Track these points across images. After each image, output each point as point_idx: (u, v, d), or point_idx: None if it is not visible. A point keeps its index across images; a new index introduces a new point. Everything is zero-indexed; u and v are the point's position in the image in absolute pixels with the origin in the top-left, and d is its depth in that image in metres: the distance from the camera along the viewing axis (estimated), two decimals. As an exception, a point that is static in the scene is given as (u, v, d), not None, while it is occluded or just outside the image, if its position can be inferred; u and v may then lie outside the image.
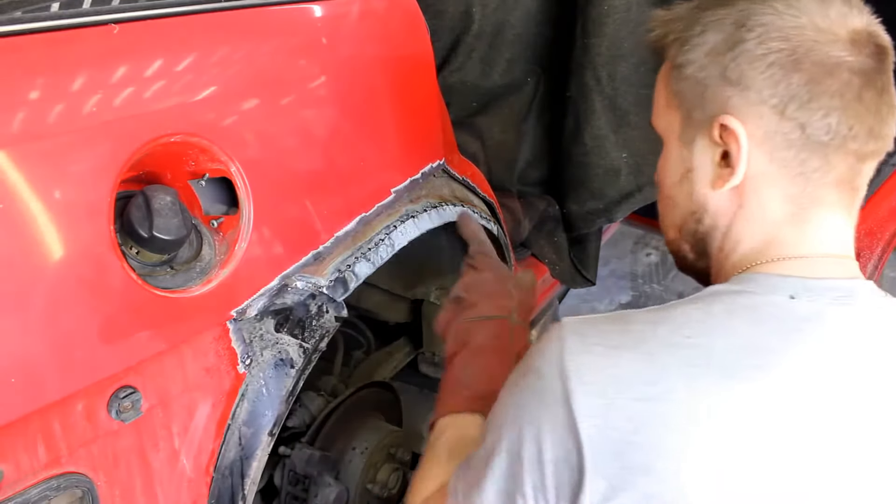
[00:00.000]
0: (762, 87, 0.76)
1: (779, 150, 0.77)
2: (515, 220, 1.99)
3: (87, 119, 0.83)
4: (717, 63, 0.79)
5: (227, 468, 1.06)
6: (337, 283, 1.10)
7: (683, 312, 0.76)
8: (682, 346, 0.72)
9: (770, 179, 0.79)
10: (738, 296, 0.77)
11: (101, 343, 0.84)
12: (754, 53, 0.77)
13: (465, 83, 1.95)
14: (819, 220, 0.79)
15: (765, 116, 0.77)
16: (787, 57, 0.75)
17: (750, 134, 0.78)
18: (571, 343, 0.75)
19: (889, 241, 2.21)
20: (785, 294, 0.76)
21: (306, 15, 1.14)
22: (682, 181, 0.86)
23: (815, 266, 0.79)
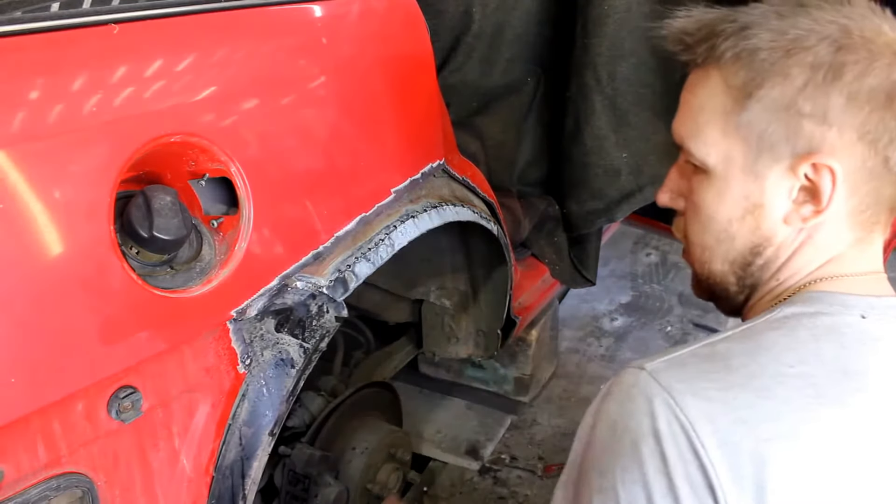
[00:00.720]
0: (860, 125, 0.75)
1: (862, 183, 0.77)
2: (515, 220, 1.99)
3: (87, 119, 0.83)
4: (810, 99, 0.76)
5: (228, 468, 1.06)
6: (337, 283, 1.10)
7: (772, 339, 0.75)
8: (789, 377, 0.71)
9: (846, 211, 0.79)
10: (816, 318, 0.76)
11: (101, 343, 0.84)
12: (852, 90, 0.75)
13: (465, 83, 1.95)
14: (873, 240, 0.82)
15: (857, 153, 0.76)
16: (882, 94, 0.75)
17: (840, 169, 0.76)
18: (680, 392, 0.70)
19: (889, 241, 2.21)
20: (856, 314, 0.77)
21: (306, 15, 1.14)
22: (746, 216, 0.82)
23: (869, 283, 0.81)
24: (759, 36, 0.77)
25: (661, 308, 2.96)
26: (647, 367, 0.73)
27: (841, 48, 0.75)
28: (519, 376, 2.35)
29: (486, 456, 2.25)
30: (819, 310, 0.77)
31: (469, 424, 2.37)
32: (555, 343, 2.50)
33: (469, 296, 1.94)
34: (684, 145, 0.85)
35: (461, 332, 2.01)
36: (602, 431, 0.74)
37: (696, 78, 0.83)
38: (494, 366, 2.35)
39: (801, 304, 0.78)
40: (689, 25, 0.82)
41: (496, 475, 2.20)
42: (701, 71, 0.83)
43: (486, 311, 1.95)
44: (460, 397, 2.46)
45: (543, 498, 2.11)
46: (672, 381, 0.71)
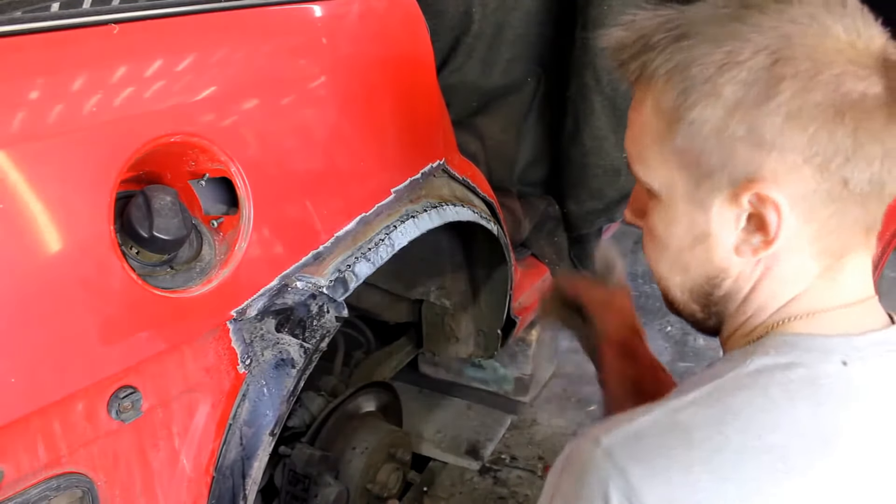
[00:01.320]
0: (804, 147, 0.66)
1: (817, 208, 0.69)
2: (515, 220, 1.99)
3: (87, 119, 0.83)
4: (744, 121, 0.67)
5: (228, 468, 1.06)
6: (337, 283, 1.10)
7: (742, 403, 0.67)
8: (757, 451, 0.65)
9: (804, 238, 0.71)
10: (789, 371, 0.68)
11: (102, 343, 0.84)
12: (791, 108, 0.66)
13: (465, 83, 1.95)
14: (849, 267, 0.73)
15: (805, 177, 0.67)
16: (829, 110, 0.65)
17: (789, 196, 0.68)
18: (637, 476, 0.64)
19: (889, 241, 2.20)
20: (836, 360, 0.69)
21: (306, 15, 1.14)
22: (696, 246, 0.75)
23: (851, 317, 0.73)
24: (692, 49, 0.69)
25: (661, 308, 2.95)
26: (603, 442, 0.66)
27: (778, 61, 0.66)
28: (519, 376, 2.35)
29: (486, 456, 2.25)
30: (794, 360, 0.69)
31: (469, 424, 2.37)
32: (555, 343, 2.50)
33: (469, 296, 1.94)
34: (631, 167, 0.79)
35: (461, 332, 2.02)
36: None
37: (637, 96, 0.76)
38: (494, 366, 2.35)
39: (775, 353, 0.70)
40: (626, 38, 0.73)
41: (496, 475, 2.20)
42: (637, 90, 0.75)
43: (486, 311, 1.95)
44: (460, 397, 2.46)
45: (543, 498, 2.11)
46: (629, 461, 0.65)
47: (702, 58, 0.68)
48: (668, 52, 0.70)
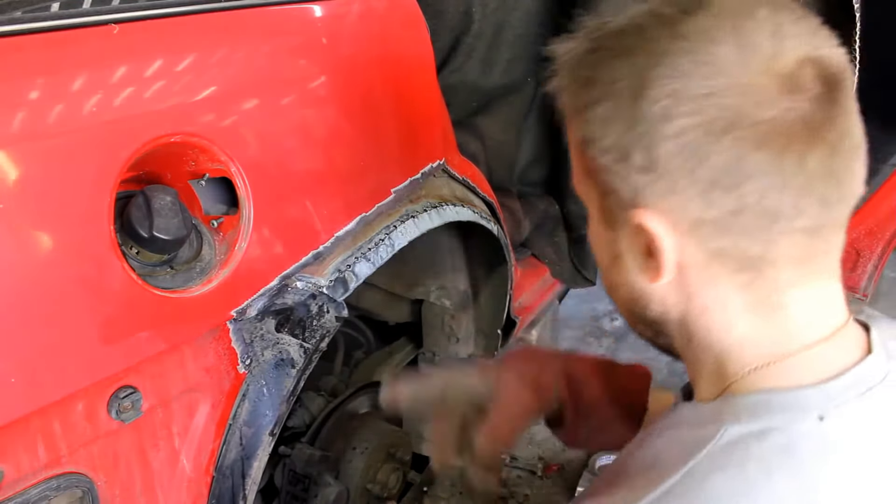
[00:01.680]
0: (678, 175, 0.62)
1: (711, 240, 0.64)
2: (515, 220, 1.99)
3: (87, 119, 0.83)
4: (619, 145, 0.64)
5: (228, 468, 1.06)
6: (337, 283, 1.10)
7: (720, 489, 0.62)
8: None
9: (712, 270, 0.66)
10: (765, 439, 0.63)
11: (101, 343, 0.84)
12: (662, 133, 0.61)
13: (465, 83, 1.95)
14: (794, 302, 0.67)
15: (687, 206, 0.63)
16: (703, 134, 0.60)
17: (674, 224, 0.64)
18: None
19: (889, 241, 2.21)
20: (813, 417, 0.63)
21: (306, 15, 1.14)
22: (614, 265, 0.72)
23: (822, 358, 0.67)
24: (594, 70, 0.66)
25: (661, 308, 2.96)
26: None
27: (655, 78, 0.62)
28: (519, 376, 2.34)
29: (486, 456, 2.24)
30: (767, 425, 0.63)
31: (469, 424, 2.36)
32: (555, 343, 2.49)
33: (469, 296, 1.94)
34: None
35: (461, 332, 2.01)
36: None
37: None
38: (494, 366, 2.34)
39: (747, 419, 0.64)
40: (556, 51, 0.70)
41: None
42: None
43: (486, 311, 1.95)
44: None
45: (543, 498, 2.11)
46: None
47: (598, 81, 0.65)
48: (573, 72, 0.68)
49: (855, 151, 0.64)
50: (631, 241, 0.68)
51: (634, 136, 0.63)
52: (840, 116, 0.62)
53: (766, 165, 0.60)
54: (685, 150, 0.61)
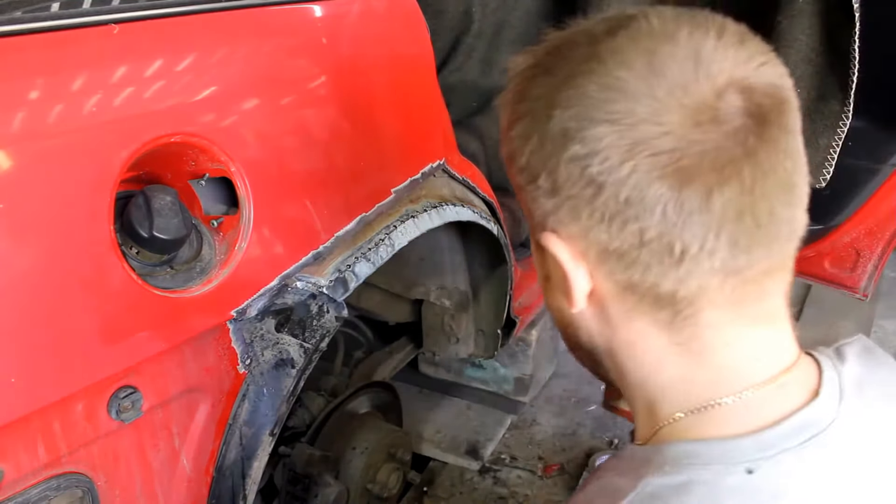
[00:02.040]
0: (579, 201, 0.59)
1: (619, 273, 0.61)
2: (515, 220, 1.99)
3: (87, 119, 0.83)
4: (529, 166, 0.62)
5: (228, 468, 1.06)
6: (337, 283, 1.10)
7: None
8: None
9: (628, 303, 0.63)
10: (687, 493, 0.58)
11: (102, 343, 0.84)
12: (562, 157, 0.58)
13: (465, 83, 1.96)
14: (723, 345, 0.62)
15: (590, 235, 0.60)
16: (600, 161, 0.57)
17: (582, 252, 0.61)
18: None
19: (889, 241, 2.21)
20: (741, 468, 0.58)
21: (306, 15, 1.14)
22: (546, 286, 0.70)
23: (759, 404, 0.62)
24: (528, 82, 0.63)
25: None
26: None
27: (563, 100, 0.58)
28: (519, 376, 2.35)
29: (486, 456, 2.25)
30: (690, 478, 0.58)
31: (469, 424, 2.37)
32: (555, 343, 2.49)
33: (469, 296, 1.94)
34: None
35: (461, 332, 2.01)
36: None
37: None
38: (494, 366, 2.35)
39: (670, 470, 0.60)
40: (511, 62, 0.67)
41: (496, 475, 2.20)
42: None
43: (486, 311, 1.95)
44: (460, 397, 2.46)
45: (543, 498, 2.11)
46: None
47: (530, 92, 0.62)
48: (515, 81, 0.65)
49: (782, 190, 0.58)
50: (553, 263, 0.65)
51: (542, 157, 0.60)
52: (764, 152, 0.56)
53: (666, 200, 0.56)
54: (583, 177, 0.58)
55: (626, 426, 2.31)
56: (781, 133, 0.57)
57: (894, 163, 2.10)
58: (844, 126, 1.73)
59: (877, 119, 1.91)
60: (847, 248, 2.25)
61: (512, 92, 0.64)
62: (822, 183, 1.79)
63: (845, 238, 2.23)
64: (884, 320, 2.99)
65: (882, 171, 2.12)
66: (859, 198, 2.17)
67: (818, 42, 1.70)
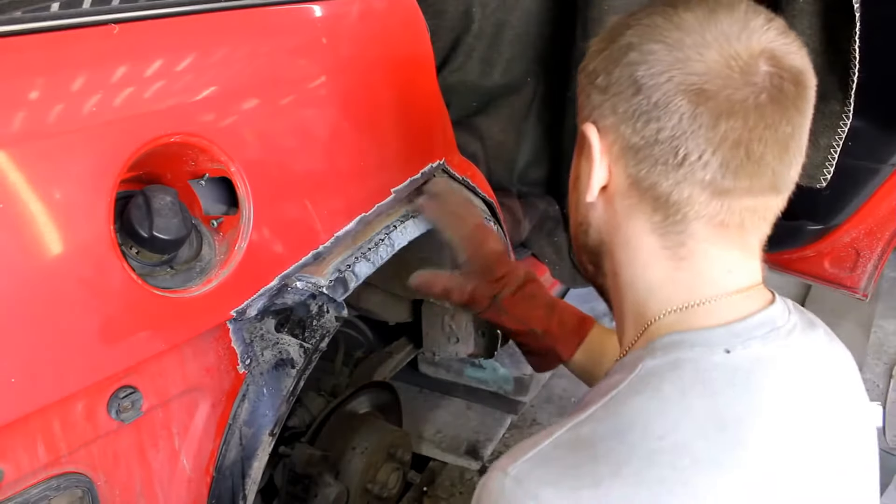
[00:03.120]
0: (621, 99, 0.73)
1: (631, 167, 0.74)
2: (515, 220, 1.99)
3: (87, 119, 0.83)
4: (594, 69, 0.77)
5: (228, 468, 1.06)
6: (337, 283, 1.10)
7: (637, 408, 0.69)
8: (660, 452, 0.66)
9: (631, 200, 0.76)
10: (677, 369, 0.71)
11: (101, 343, 0.84)
12: (620, 61, 0.74)
13: (465, 83, 1.95)
14: (704, 256, 0.75)
15: (620, 129, 0.74)
16: (647, 69, 0.71)
17: (608, 145, 0.76)
18: (549, 497, 0.64)
19: (889, 241, 2.21)
20: (719, 349, 0.71)
21: (306, 15, 1.14)
22: (573, 189, 0.85)
23: (728, 306, 0.74)
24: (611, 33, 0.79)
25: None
26: (511, 471, 0.67)
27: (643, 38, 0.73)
28: (519, 376, 2.35)
29: (486, 456, 2.25)
30: (679, 356, 0.71)
31: (469, 424, 2.37)
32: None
33: (469, 296, 1.94)
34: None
35: (461, 332, 2.01)
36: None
37: None
38: (494, 366, 2.35)
39: (662, 354, 0.72)
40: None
41: (496, 475, 2.20)
42: None
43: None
44: (460, 397, 2.46)
45: (543, 498, 2.11)
46: (539, 486, 0.65)
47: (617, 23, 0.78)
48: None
49: (776, 144, 0.70)
50: (586, 160, 0.79)
51: (607, 62, 0.75)
52: (770, 110, 0.69)
53: (685, 111, 0.69)
54: (631, 78, 0.72)
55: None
56: (791, 106, 0.71)
57: (894, 163, 2.10)
58: (844, 126, 1.73)
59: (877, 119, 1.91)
60: (847, 248, 2.25)
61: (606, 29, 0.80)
62: (823, 183, 1.79)
63: (845, 238, 2.23)
64: (884, 320, 2.99)
65: (882, 171, 2.12)
66: (859, 198, 2.17)
67: (818, 42, 1.70)
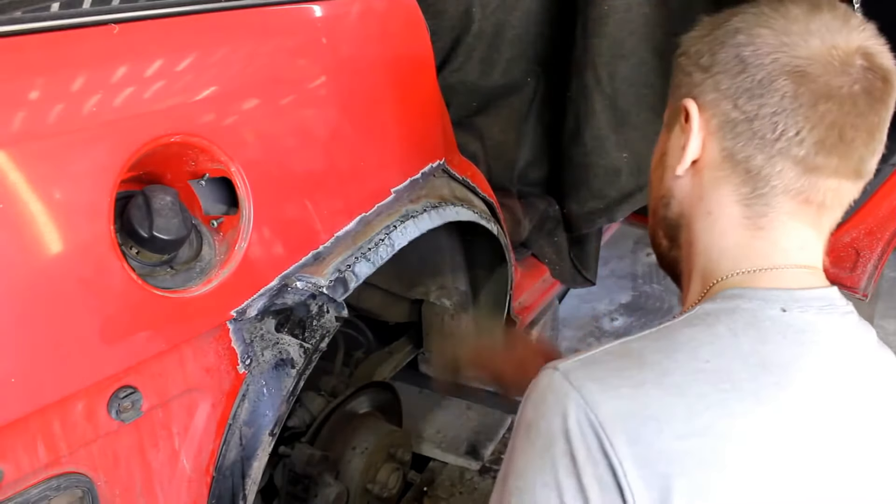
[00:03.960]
0: (725, 77, 0.78)
1: (728, 140, 0.79)
2: (515, 220, 1.99)
3: (87, 119, 0.83)
4: (697, 49, 0.82)
5: (228, 468, 1.06)
6: (337, 283, 1.10)
7: (689, 336, 0.74)
8: (704, 372, 0.70)
9: (722, 172, 0.80)
10: (734, 313, 0.75)
11: (102, 343, 0.84)
12: (727, 42, 0.78)
13: (465, 83, 1.95)
14: (782, 229, 0.79)
15: (721, 105, 0.79)
16: (753, 51, 0.76)
17: (706, 120, 0.80)
18: (591, 391, 0.69)
19: (889, 241, 2.21)
20: (777, 307, 0.75)
21: (306, 15, 1.14)
22: (658, 164, 0.89)
23: (793, 277, 0.78)
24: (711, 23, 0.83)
25: (661, 308, 2.96)
26: (560, 367, 0.72)
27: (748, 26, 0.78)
28: (519, 376, 2.35)
29: (486, 456, 2.25)
30: (738, 305, 0.75)
31: (469, 424, 2.36)
32: (555, 343, 2.49)
33: (469, 296, 1.94)
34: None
35: (461, 332, 2.01)
36: (520, 434, 0.74)
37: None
38: (494, 366, 2.35)
39: (721, 301, 0.77)
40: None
41: (496, 475, 2.20)
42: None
43: (486, 311, 1.95)
44: (460, 397, 2.46)
45: (543, 498, 2.11)
46: (584, 379, 0.69)
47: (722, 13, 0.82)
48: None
49: (865, 131, 0.76)
50: (678, 137, 0.83)
51: (711, 44, 0.80)
52: (863, 100, 0.75)
53: (787, 90, 0.74)
54: (737, 58, 0.77)
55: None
56: (879, 100, 0.76)
57: (894, 163, 2.10)
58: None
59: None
60: (847, 248, 2.24)
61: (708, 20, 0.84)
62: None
63: (845, 238, 2.22)
64: (884, 320, 2.99)
65: (882, 172, 2.11)
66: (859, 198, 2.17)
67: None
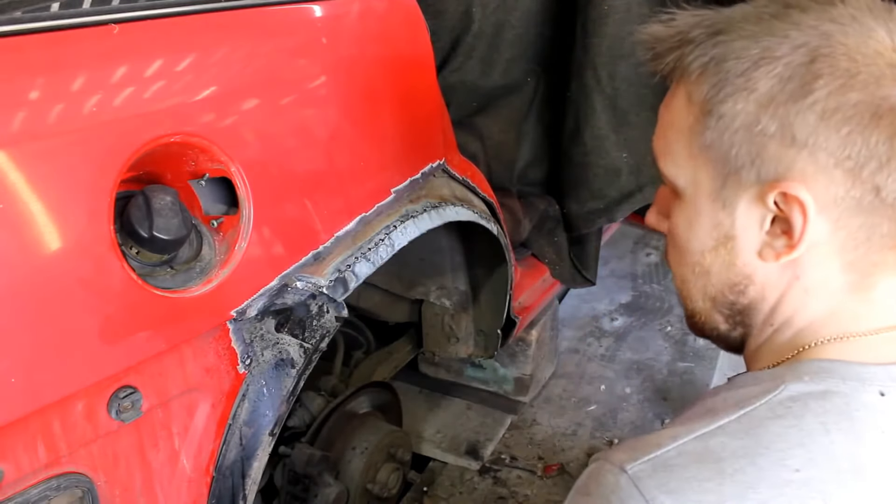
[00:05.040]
0: (836, 148, 0.64)
1: (846, 216, 0.66)
2: (515, 220, 1.99)
3: (87, 119, 0.83)
4: (777, 117, 0.65)
5: (228, 468, 1.06)
6: (337, 283, 1.10)
7: (775, 434, 0.64)
8: (793, 485, 0.61)
9: (832, 248, 0.68)
10: (824, 400, 0.65)
11: (102, 343, 0.84)
12: (827, 107, 0.63)
13: (465, 83, 1.95)
14: (883, 286, 0.70)
15: (836, 180, 0.65)
16: (865, 112, 0.63)
17: (815, 199, 0.66)
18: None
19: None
20: (874, 391, 0.66)
21: (306, 15, 1.14)
22: (719, 248, 0.73)
23: (889, 344, 0.70)
24: (729, 44, 0.67)
25: (661, 308, 2.95)
26: (630, 470, 0.63)
27: (817, 58, 0.64)
28: (519, 376, 2.35)
29: (486, 456, 2.25)
30: (829, 388, 0.66)
31: (469, 424, 2.37)
32: (555, 343, 2.49)
33: (469, 296, 1.94)
34: (657, 164, 0.77)
35: (461, 332, 2.02)
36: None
37: (670, 91, 0.75)
38: (494, 366, 2.35)
39: (809, 380, 0.67)
40: (663, 31, 0.72)
41: (496, 475, 2.20)
42: (672, 84, 0.74)
43: (486, 311, 1.95)
44: (460, 397, 2.46)
45: (543, 498, 2.11)
46: (658, 492, 0.61)
47: (738, 52, 0.67)
48: (704, 46, 0.69)
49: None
50: (753, 217, 0.70)
51: (796, 108, 0.65)
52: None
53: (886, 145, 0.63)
54: (848, 124, 0.63)
55: (626, 426, 2.31)
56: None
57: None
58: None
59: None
60: None
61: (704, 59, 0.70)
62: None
63: None
64: None
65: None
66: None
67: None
